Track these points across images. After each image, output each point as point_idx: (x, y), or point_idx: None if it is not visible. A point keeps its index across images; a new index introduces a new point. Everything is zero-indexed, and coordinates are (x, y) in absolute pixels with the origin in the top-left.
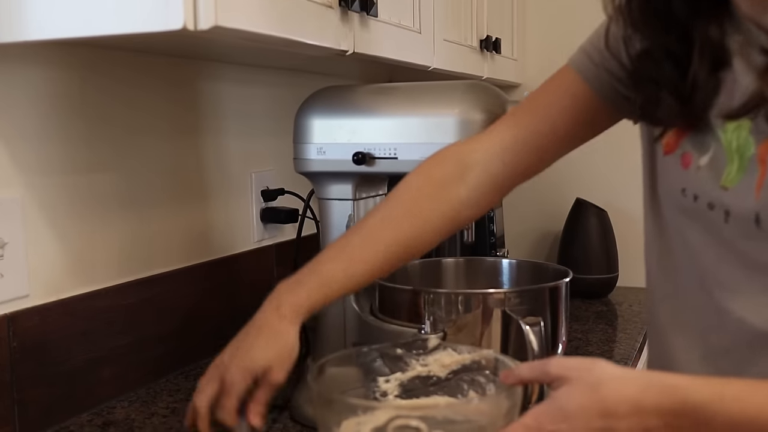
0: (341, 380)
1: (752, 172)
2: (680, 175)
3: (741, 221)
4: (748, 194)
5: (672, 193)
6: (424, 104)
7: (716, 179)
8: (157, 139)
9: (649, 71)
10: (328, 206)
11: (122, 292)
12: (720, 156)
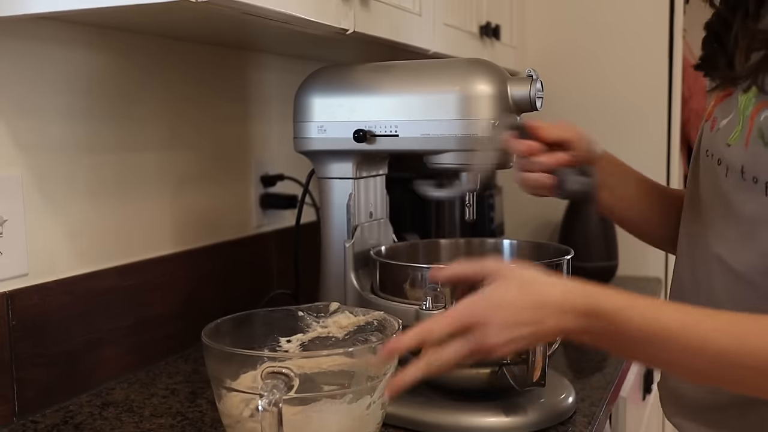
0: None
1: (746, 129)
2: (708, 137)
3: (734, 174)
4: (740, 149)
5: (702, 155)
6: (425, 81)
7: (725, 138)
8: (158, 124)
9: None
10: (329, 185)
11: (122, 274)
12: (734, 119)
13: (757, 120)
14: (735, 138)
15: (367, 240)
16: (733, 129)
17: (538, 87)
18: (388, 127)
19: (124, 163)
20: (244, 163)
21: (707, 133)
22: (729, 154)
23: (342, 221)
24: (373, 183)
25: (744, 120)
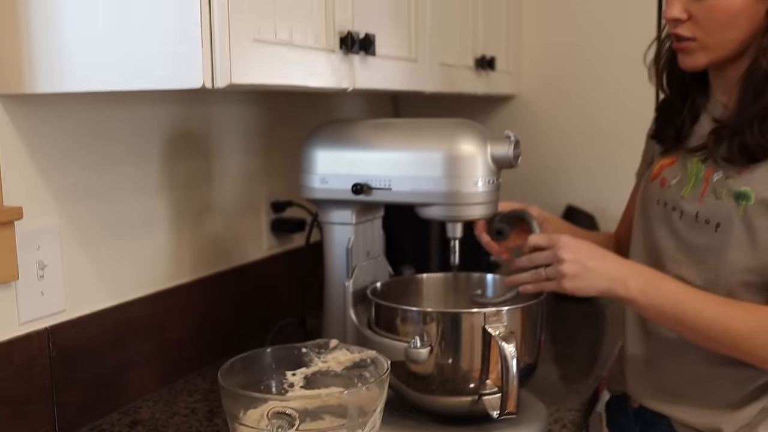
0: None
1: (699, 187)
2: (659, 191)
3: (688, 217)
4: (695, 200)
5: (652, 204)
6: (415, 140)
7: (679, 192)
8: (176, 163)
9: (665, 112)
10: (331, 229)
11: (146, 303)
12: (683, 179)
13: (711, 180)
14: (687, 192)
15: (366, 277)
16: (684, 186)
17: (515, 147)
18: (382, 182)
19: (146, 205)
20: (257, 192)
21: (658, 188)
22: (683, 204)
23: (342, 262)
24: (370, 225)
25: (697, 180)
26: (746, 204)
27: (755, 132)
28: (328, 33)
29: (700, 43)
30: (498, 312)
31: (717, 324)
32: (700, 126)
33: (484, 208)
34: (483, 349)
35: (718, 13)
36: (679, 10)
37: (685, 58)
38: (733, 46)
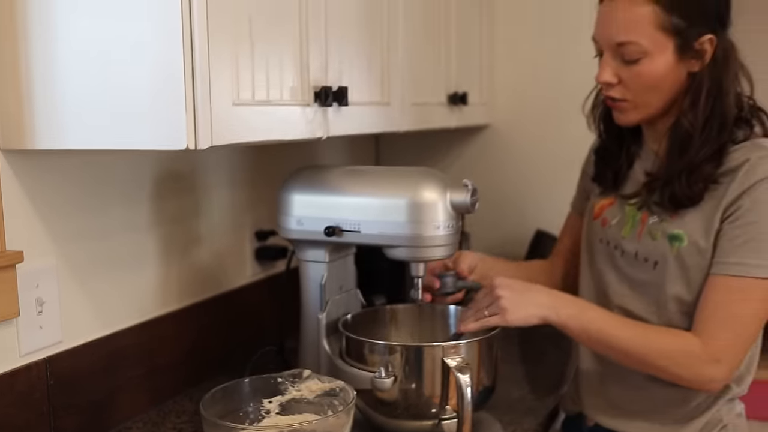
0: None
1: (637, 228)
2: (601, 230)
3: (628, 255)
4: (634, 240)
5: (595, 242)
6: (382, 188)
7: (619, 232)
8: (165, 201)
9: (604, 157)
10: (306, 266)
11: (136, 332)
12: (622, 219)
13: (647, 223)
14: (627, 232)
15: (339, 309)
16: (623, 226)
17: (472, 195)
18: (352, 225)
19: (136, 241)
20: (241, 222)
21: (600, 228)
22: (624, 243)
23: (316, 296)
24: (343, 262)
25: (634, 222)
26: (679, 245)
27: (683, 184)
28: (303, 89)
29: (630, 103)
30: (456, 345)
31: (635, 346)
32: (635, 171)
33: (444, 249)
34: (442, 378)
35: (645, 78)
36: (610, 75)
37: (618, 115)
38: (661, 105)
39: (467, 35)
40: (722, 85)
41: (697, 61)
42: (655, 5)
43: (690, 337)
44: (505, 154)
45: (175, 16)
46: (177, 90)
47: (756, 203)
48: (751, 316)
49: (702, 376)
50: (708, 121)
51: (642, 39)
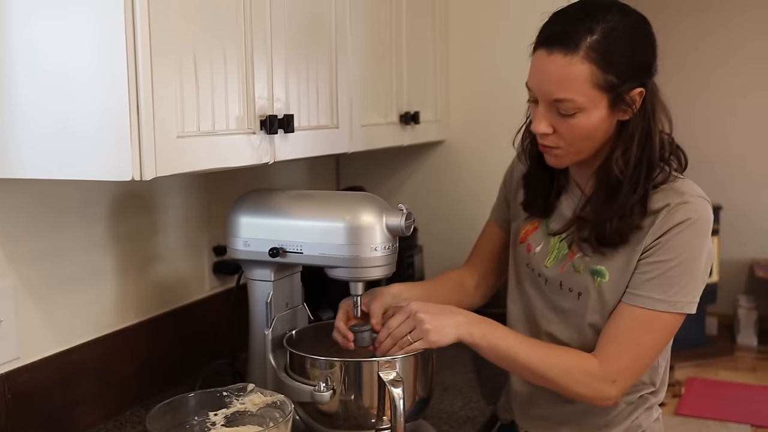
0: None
1: (562, 261)
2: (527, 256)
3: (553, 284)
4: (557, 270)
5: (522, 266)
6: (323, 212)
7: (543, 261)
8: (121, 220)
9: (533, 184)
10: (253, 285)
11: (92, 346)
12: (545, 248)
13: (573, 259)
14: (550, 262)
15: (285, 325)
16: (547, 256)
17: (407, 219)
18: (295, 246)
19: (93, 260)
20: (199, 239)
21: (525, 253)
22: (548, 272)
23: (263, 314)
24: (289, 280)
25: (559, 254)
26: (601, 280)
27: (612, 228)
28: (249, 118)
29: (564, 150)
30: (390, 360)
31: (541, 363)
32: (561, 204)
33: (382, 269)
34: (379, 391)
35: (579, 130)
36: (545, 126)
37: (550, 159)
38: (592, 151)
39: (420, 54)
40: (650, 132)
41: (628, 111)
42: (591, 64)
43: (590, 358)
44: (459, 169)
45: (120, 53)
46: (122, 123)
47: (671, 244)
48: (650, 346)
49: (599, 393)
50: (637, 166)
51: (578, 96)
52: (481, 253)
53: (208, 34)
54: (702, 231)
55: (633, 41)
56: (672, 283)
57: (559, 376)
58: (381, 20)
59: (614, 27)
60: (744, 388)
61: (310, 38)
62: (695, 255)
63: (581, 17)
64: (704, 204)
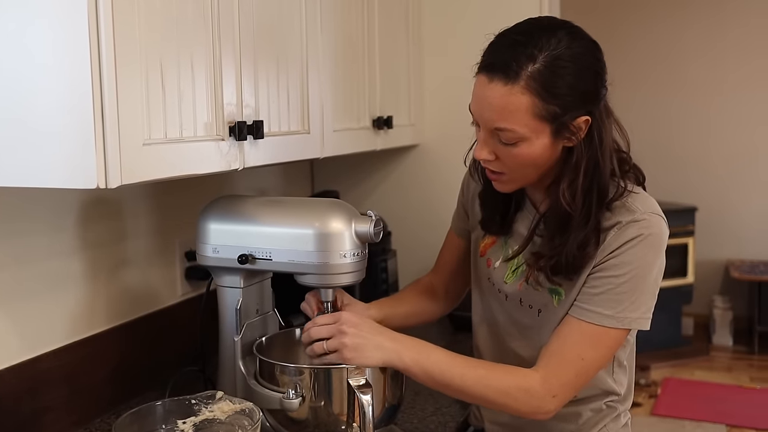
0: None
1: (521, 277)
2: (487, 270)
3: (512, 300)
4: (515, 287)
5: (484, 279)
6: (292, 219)
7: (502, 277)
8: (90, 226)
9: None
10: (223, 292)
11: (61, 354)
12: (504, 265)
13: (531, 279)
14: (509, 278)
15: (255, 332)
16: (506, 272)
17: (376, 225)
18: (264, 253)
19: (61, 266)
20: (171, 244)
21: (485, 267)
22: (507, 288)
23: (232, 320)
24: (259, 287)
25: (519, 270)
26: (558, 298)
27: (568, 261)
28: (217, 124)
29: (508, 176)
30: (360, 366)
31: (477, 386)
32: (518, 223)
33: (351, 276)
34: (348, 397)
35: (521, 158)
36: (487, 153)
37: (496, 184)
38: (537, 177)
39: (393, 58)
40: (598, 159)
41: (572, 138)
42: (531, 95)
43: (530, 375)
44: (433, 172)
45: (83, 59)
46: (86, 130)
47: (621, 259)
48: (594, 361)
49: (538, 409)
50: (586, 196)
51: (519, 127)
52: (444, 262)
53: (174, 38)
54: (654, 246)
55: (578, 70)
56: (621, 299)
57: (497, 397)
58: (352, 24)
59: (558, 55)
60: (719, 388)
61: (279, 43)
62: (646, 271)
63: (524, 41)
64: (657, 220)
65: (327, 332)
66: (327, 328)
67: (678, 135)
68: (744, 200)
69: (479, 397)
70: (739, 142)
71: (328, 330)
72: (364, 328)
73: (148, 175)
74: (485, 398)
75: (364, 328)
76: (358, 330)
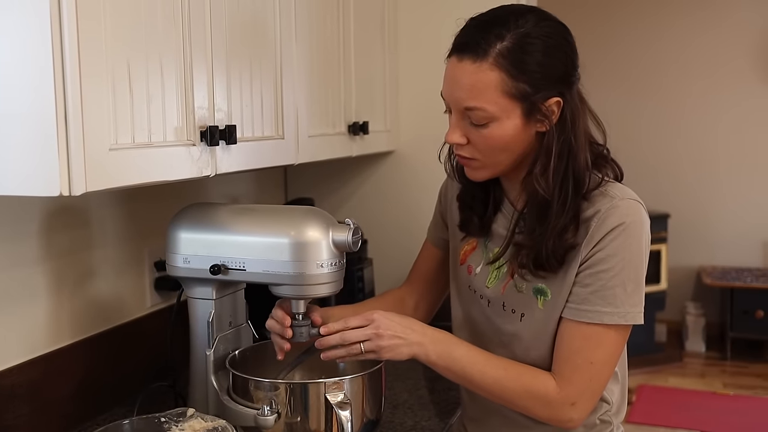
0: None
1: (503, 281)
2: (467, 277)
3: (495, 305)
4: (498, 291)
5: (464, 287)
6: (267, 227)
7: (484, 282)
8: (55, 234)
9: (467, 202)
10: (194, 304)
11: (25, 369)
12: (485, 270)
13: (513, 279)
14: (491, 282)
15: (228, 345)
16: (487, 277)
17: (354, 234)
18: (238, 263)
19: (24, 276)
20: (139, 253)
21: (466, 275)
22: (489, 293)
23: (204, 333)
24: (232, 298)
25: (500, 274)
26: (544, 298)
27: (549, 251)
28: (188, 129)
29: (480, 162)
30: (338, 381)
31: (495, 386)
32: (497, 223)
33: (328, 287)
34: (326, 413)
35: (493, 141)
36: (459, 136)
37: (469, 171)
38: (510, 162)
39: (369, 63)
40: (572, 145)
41: (545, 122)
42: (500, 72)
43: (548, 380)
44: (409, 179)
45: (46, 63)
46: (48, 135)
47: (607, 252)
48: (605, 361)
49: (560, 416)
50: (563, 184)
51: (489, 105)
52: (419, 272)
53: (143, 40)
54: (636, 233)
55: (546, 48)
56: (616, 294)
57: (518, 399)
58: (328, 28)
59: (527, 33)
60: (693, 395)
61: (252, 46)
62: (635, 261)
63: (493, 22)
64: (635, 205)
65: (364, 335)
66: (363, 332)
67: (650, 142)
68: (716, 207)
69: (498, 398)
70: (711, 150)
71: (364, 333)
72: (396, 326)
73: (114, 182)
74: (503, 399)
75: (395, 326)
76: (394, 331)
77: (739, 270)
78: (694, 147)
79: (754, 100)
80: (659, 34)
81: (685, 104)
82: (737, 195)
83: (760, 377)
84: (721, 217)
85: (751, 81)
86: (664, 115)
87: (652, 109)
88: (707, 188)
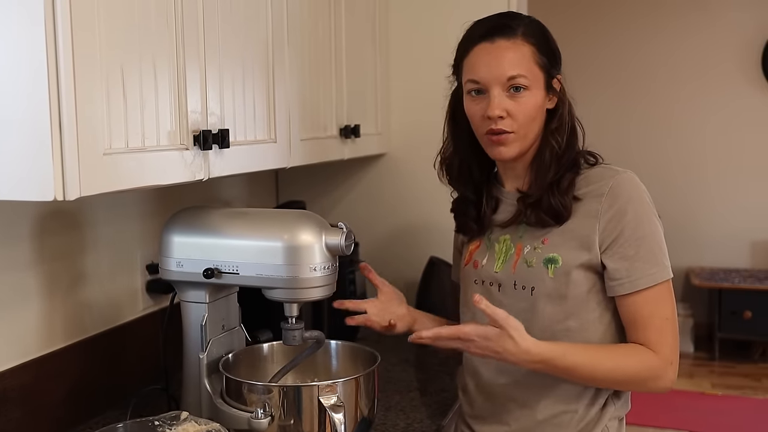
0: None
1: (511, 260)
2: (474, 272)
3: (506, 287)
4: (508, 272)
5: (470, 284)
6: (260, 231)
7: (492, 269)
8: (47, 238)
9: (461, 209)
10: (187, 307)
11: (17, 373)
12: (492, 257)
13: (522, 254)
14: (499, 267)
15: (221, 348)
16: (494, 262)
17: (347, 237)
18: (231, 267)
19: (16, 280)
20: (131, 256)
21: (472, 270)
22: (500, 276)
23: (197, 337)
24: (225, 301)
25: (507, 255)
26: (555, 267)
27: (555, 195)
28: (181, 133)
29: (516, 135)
30: (331, 384)
31: (607, 377)
32: (498, 214)
33: (321, 290)
34: (320, 415)
35: (528, 108)
36: (501, 109)
37: (501, 149)
38: (533, 138)
39: (360, 68)
40: (573, 120)
41: (553, 98)
42: (530, 45)
43: (647, 353)
44: (401, 182)
45: (41, 69)
46: (43, 140)
47: (634, 221)
48: (673, 313)
49: (666, 382)
50: (570, 140)
51: (528, 72)
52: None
53: (137, 45)
54: (647, 199)
55: (550, 34)
56: (654, 251)
57: (629, 383)
58: (319, 32)
59: (534, 21)
60: (682, 395)
61: (245, 50)
62: (655, 221)
63: (505, 14)
64: (635, 177)
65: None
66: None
67: (639, 144)
68: (704, 208)
69: (611, 385)
70: (699, 151)
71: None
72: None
73: (108, 187)
74: (617, 385)
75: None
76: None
77: (727, 271)
78: (683, 149)
79: (742, 101)
80: (648, 37)
81: (674, 106)
82: (725, 196)
83: (748, 377)
84: (709, 219)
85: (740, 83)
86: (653, 117)
87: (641, 112)
88: (695, 190)
